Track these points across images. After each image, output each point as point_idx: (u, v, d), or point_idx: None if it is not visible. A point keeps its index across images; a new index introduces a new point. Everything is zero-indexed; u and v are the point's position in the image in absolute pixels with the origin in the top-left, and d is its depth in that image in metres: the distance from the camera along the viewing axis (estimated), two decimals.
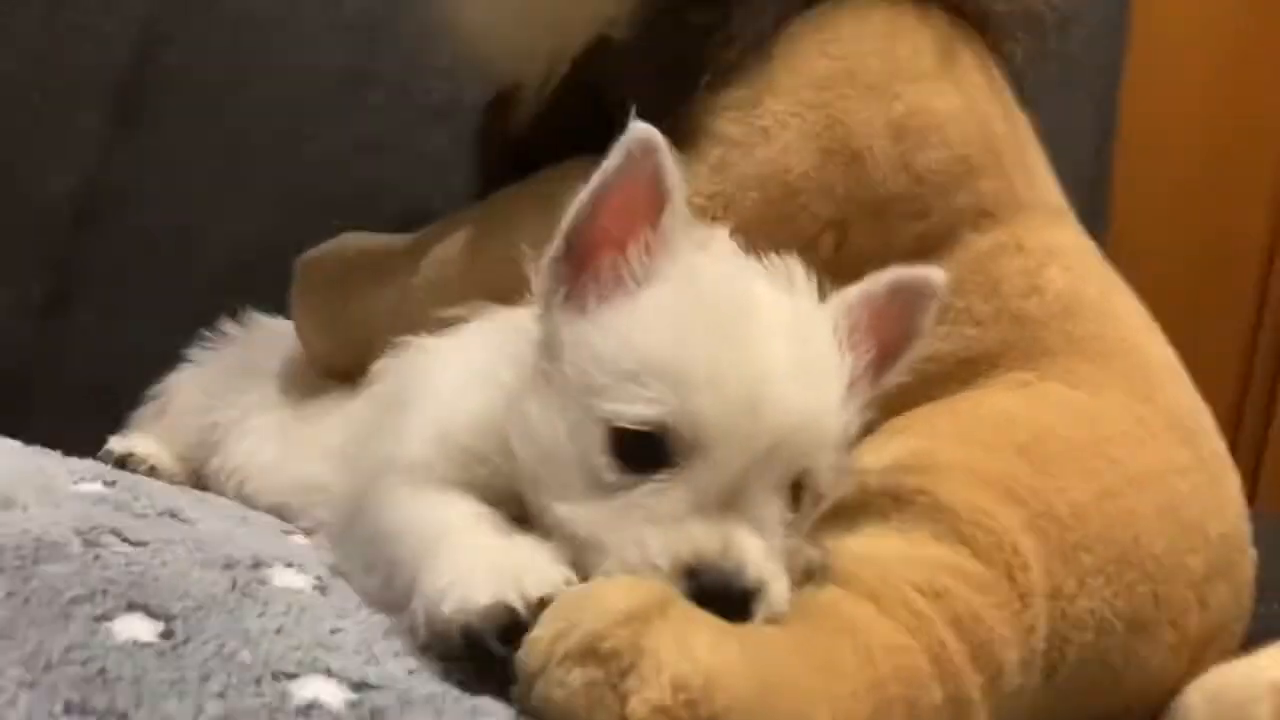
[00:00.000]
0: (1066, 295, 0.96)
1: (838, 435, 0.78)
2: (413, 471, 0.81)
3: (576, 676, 0.64)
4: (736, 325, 0.75)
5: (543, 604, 0.68)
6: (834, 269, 0.89)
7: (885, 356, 0.83)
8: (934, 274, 0.84)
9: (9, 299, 1.53)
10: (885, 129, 0.95)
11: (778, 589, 0.73)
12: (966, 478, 0.81)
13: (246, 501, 1.06)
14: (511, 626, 0.67)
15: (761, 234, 0.86)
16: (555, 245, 0.79)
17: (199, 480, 1.15)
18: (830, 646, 0.71)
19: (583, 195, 0.77)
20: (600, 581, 0.70)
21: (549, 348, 0.79)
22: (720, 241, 0.81)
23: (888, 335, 0.83)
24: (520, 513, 0.79)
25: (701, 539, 0.71)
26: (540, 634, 0.66)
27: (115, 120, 1.57)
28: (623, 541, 0.72)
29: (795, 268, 0.80)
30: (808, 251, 0.85)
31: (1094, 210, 1.63)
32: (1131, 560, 0.84)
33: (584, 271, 0.78)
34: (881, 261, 0.87)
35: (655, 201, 0.76)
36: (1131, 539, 0.85)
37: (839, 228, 0.92)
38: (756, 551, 0.72)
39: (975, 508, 0.80)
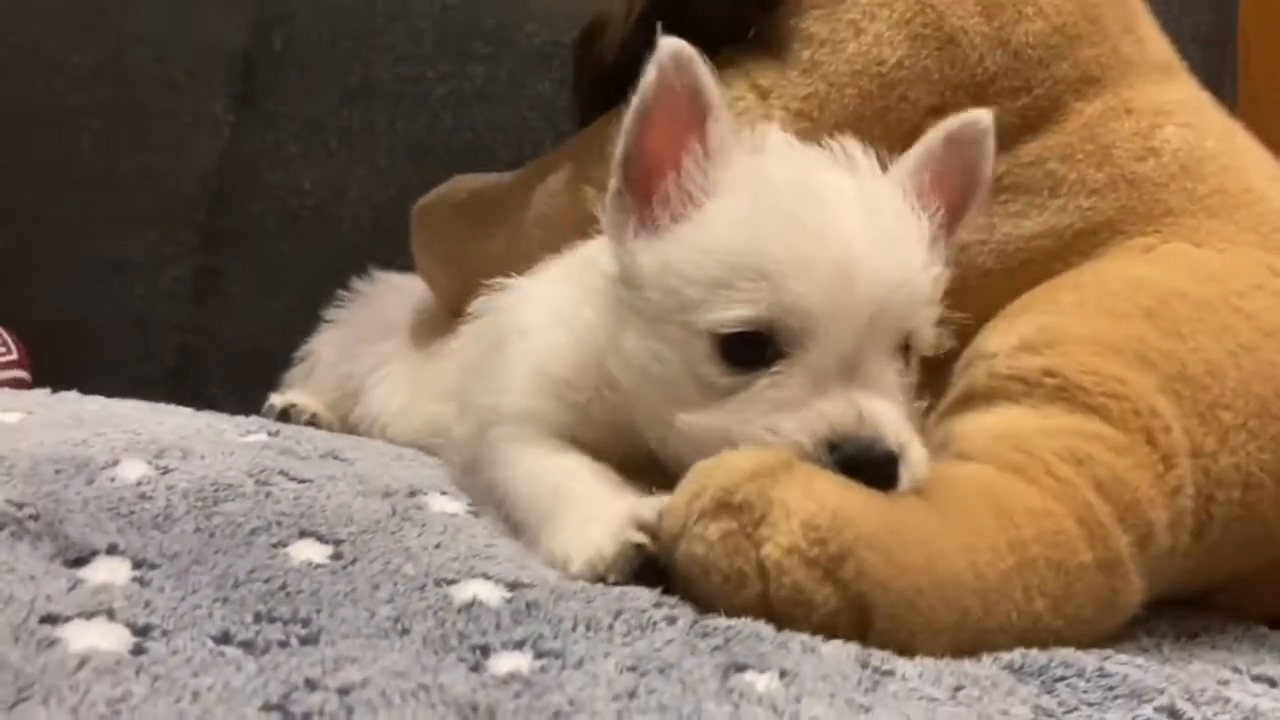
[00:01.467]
0: (1184, 153, 0.94)
1: (929, 291, 0.79)
2: (517, 422, 0.85)
3: (713, 530, 0.67)
4: (811, 211, 0.76)
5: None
6: None
7: (956, 207, 0.84)
8: (980, 115, 0.84)
9: (167, 281, 1.64)
10: (976, 7, 0.94)
11: (917, 452, 0.74)
12: (1094, 349, 0.81)
13: (388, 441, 1.12)
14: (645, 563, 0.70)
15: (863, 129, 0.87)
16: (613, 179, 0.81)
17: (348, 429, 1.23)
18: (968, 508, 0.72)
19: (626, 122, 0.78)
20: (728, 452, 0.72)
21: (629, 278, 0.80)
22: (774, 138, 0.82)
23: (953, 186, 0.83)
24: (628, 449, 0.81)
25: (834, 413, 0.73)
26: (676, 500, 0.69)
27: (241, 97, 1.66)
28: (755, 431, 0.74)
29: (852, 146, 0.81)
30: (911, 141, 0.86)
31: (1220, 69, 1.57)
32: (1274, 413, 0.83)
33: (648, 198, 0.80)
34: None
35: (698, 113, 0.78)
36: (1273, 393, 0.83)
37: (940, 114, 0.92)
38: (890, 416, 0.74)
39: (1106, 378, 0.80)
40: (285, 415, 1.21)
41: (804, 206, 0.76)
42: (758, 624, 0.65)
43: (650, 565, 0.70)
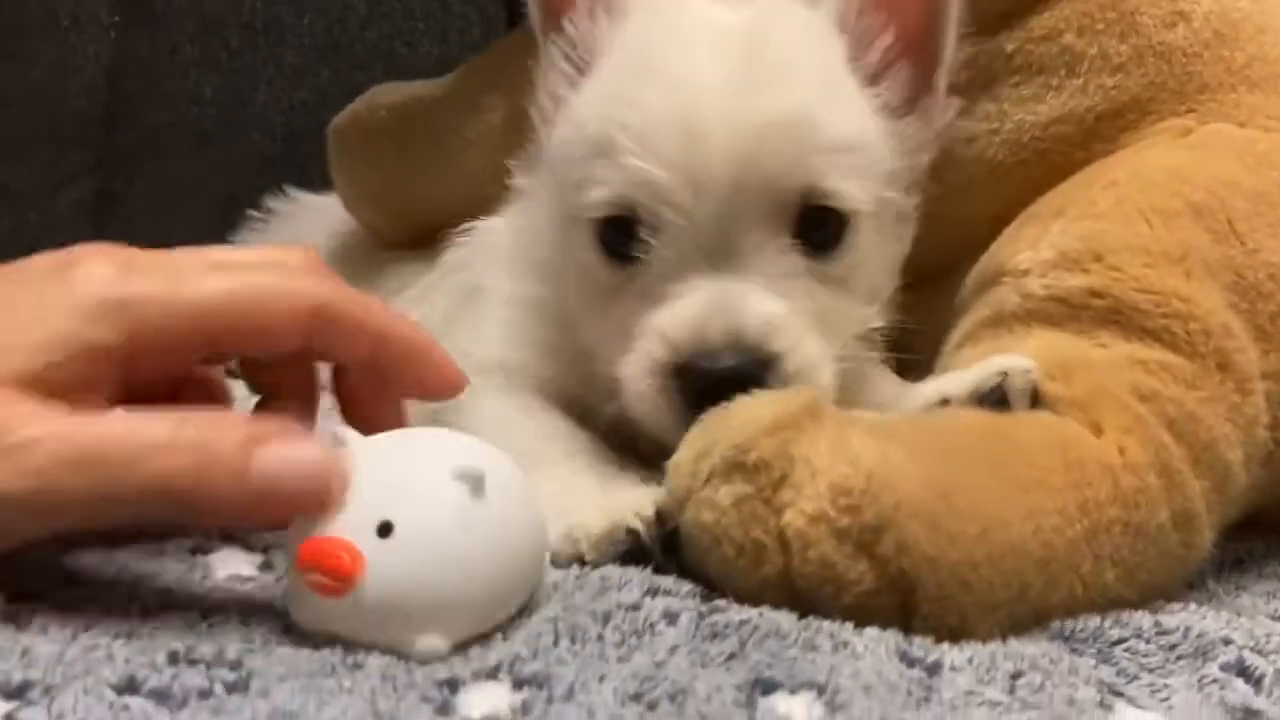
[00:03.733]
0: (1216, 16, 0.81)
1: (843, 137, 0.67)
2: (493, 372, 0.75)
3: (724, 494, 0.57)
4: (667, 60, 0.66)
5: (660, 519, 0.60)
6: None
7: (916, 31, 0.72)
8: None
9: (65, 204, 1.47)
10: None
11: (802, 358, 0.64)
12: (1145, 260, 0.69)
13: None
14: (632, 551, 0.60)
15: None
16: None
17: None
18: (1032, 461, 0.60)
19: None
20: (739, 400, 0.61)
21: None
22: None
23: (907, 6, 0.72)
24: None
25: (668, 321, 0.64)
26: (681, 457, 0.59)
27: (124, 5, 1.47)
28: (619, 347, 0.66)
29: None
30: None
31: None
32: None
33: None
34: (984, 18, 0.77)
35: None
36: None
37: None
38: (756, 311, 0.63)
39: (1166, 295, 0.68)
40: None
41: (662, 55, 0.66)
42: (777, 614, 0.54)
43: (636, 555, 0.59)
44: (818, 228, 0.67)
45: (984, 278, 0.78)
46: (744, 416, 0.59)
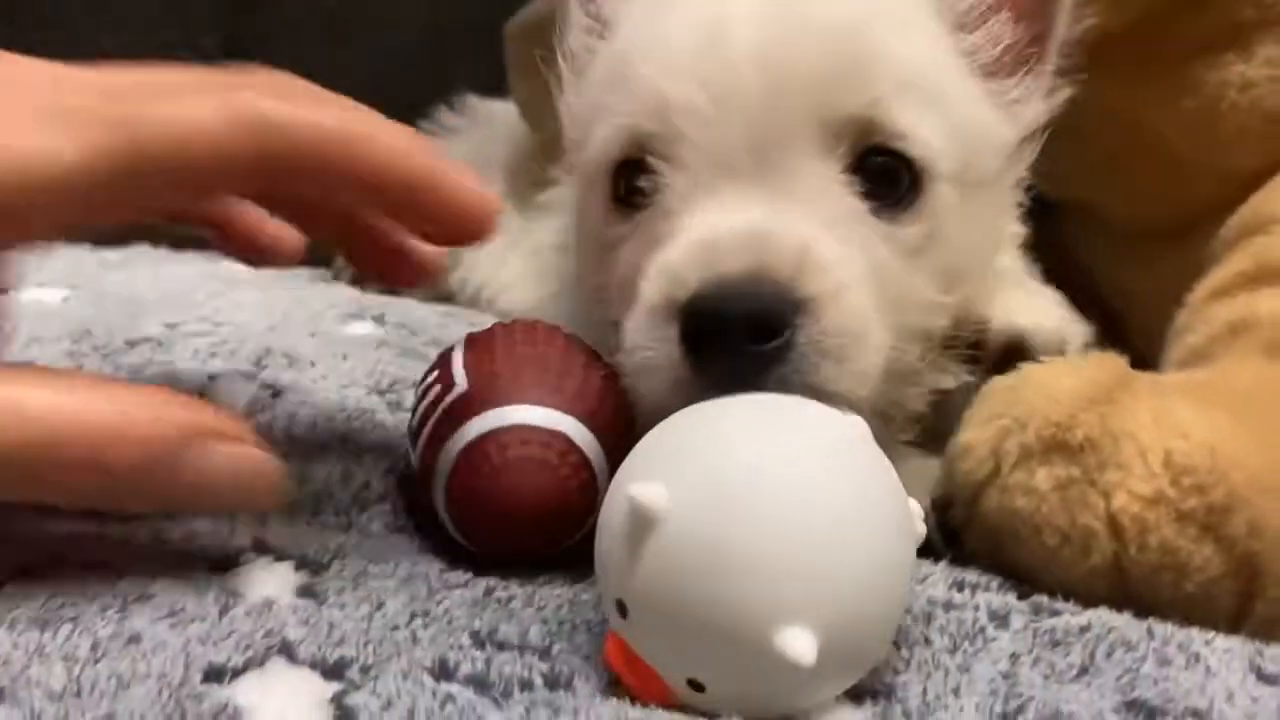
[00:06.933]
0: None
1: (910, 65, 0.54)
2: None
3: (1044, 478, 0.52)
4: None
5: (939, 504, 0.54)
6: None
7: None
8: None
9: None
10: None
11: (848, 309, 0.49)
12: None
13: (503, 316, 0.94)
14: None
15: None
16: None
17: (442, 295, 1.04)
18: None
19: None
20: (1033, 368, 0.55)
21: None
22: None
23: None
24: None
25: (675, 253, 0.50)
26: (973, 436, 0.54)
27: None
28: (623, 304, 0.53)
29: None
30: None
31: None
32: None
33: None
34: None
35: None
36: None
37: None
38: (787, 236, 0.49)
39: None
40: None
41: None
42: (1112, 616, 0.50)
43: None
44: (885, 180, 0.54)
45: (1245, 228, 0.72)
46: (1049, 388, 0.53)
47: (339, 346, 0.72)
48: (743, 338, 0.47)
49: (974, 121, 0.58)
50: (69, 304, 0.76)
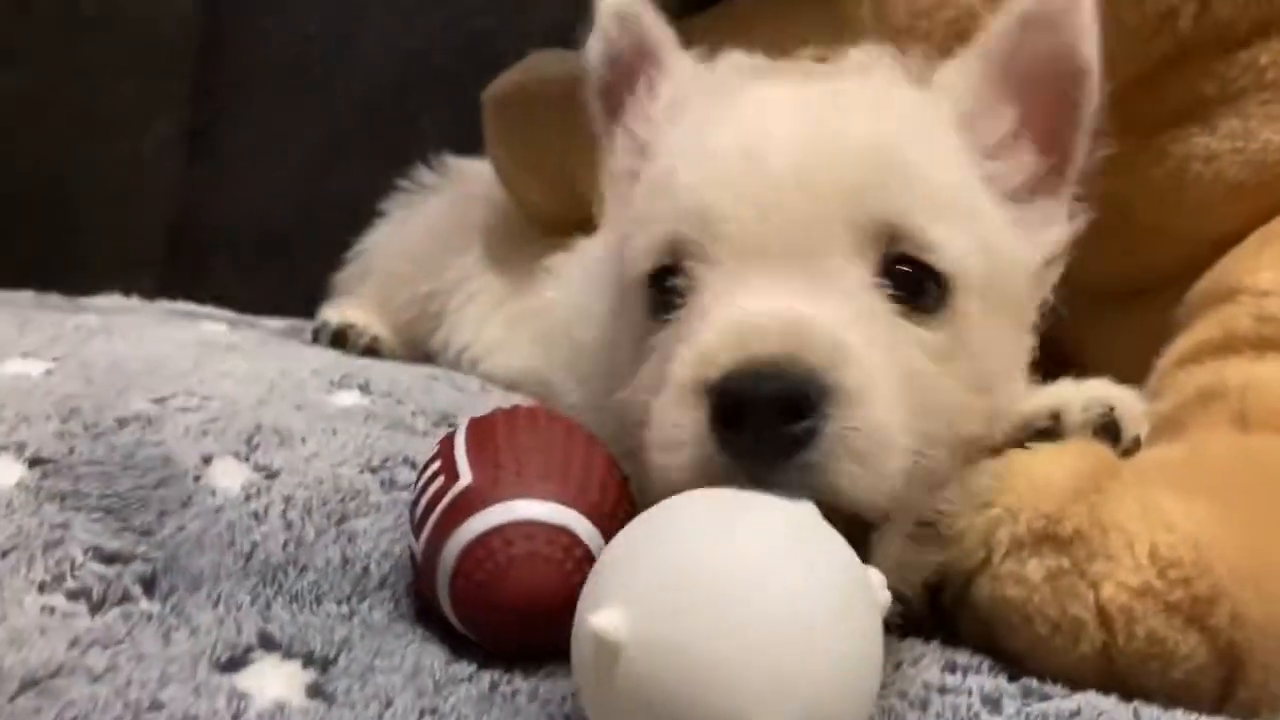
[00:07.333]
0: None
1: (937, 182, 0.57)
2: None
3: (1035, 568, 0.54)
4: (728, 114, 0.60)
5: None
6: (1193, 43, 0.74)
7: (1045, 124, 0.64)
8: None
9: (153, 136, 1.40)
10: None
11: (874, 409, 0.49)
12: None
13: (486, 380, 0.95)
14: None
15: (1120, 8, 0.69)
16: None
17: (418, 354, 1.04)
18: None
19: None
20: (1019, 455, 0.57)
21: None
22: (726, 62, 0.66)
23: (1036, 80, 0.63)
24: None
25: (710, 336, 0.51)
26: (967, 524, 0.55)
27: None
28: (651, 395, 0.54)
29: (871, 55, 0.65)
30: (1168, 23, 0.72)
31: None
32: None
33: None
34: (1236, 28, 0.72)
35: (647, 62, 0.66)
36: None
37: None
38: (818, 327, 0.50)
39: None
40: (341, 336, 1.02)
41: (729, 112, 0.60)
42: (1101, 700, 0.52)
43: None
44: (913, 287, 0.55)
45: (1212, 295, 0.74)
46: (1041, 479, 0.55)
47: (328, 420, 0.72)
48: (771, 417, 0.48)
49: (999, 242, 0.60)
50: (53, 377, 0.75)
